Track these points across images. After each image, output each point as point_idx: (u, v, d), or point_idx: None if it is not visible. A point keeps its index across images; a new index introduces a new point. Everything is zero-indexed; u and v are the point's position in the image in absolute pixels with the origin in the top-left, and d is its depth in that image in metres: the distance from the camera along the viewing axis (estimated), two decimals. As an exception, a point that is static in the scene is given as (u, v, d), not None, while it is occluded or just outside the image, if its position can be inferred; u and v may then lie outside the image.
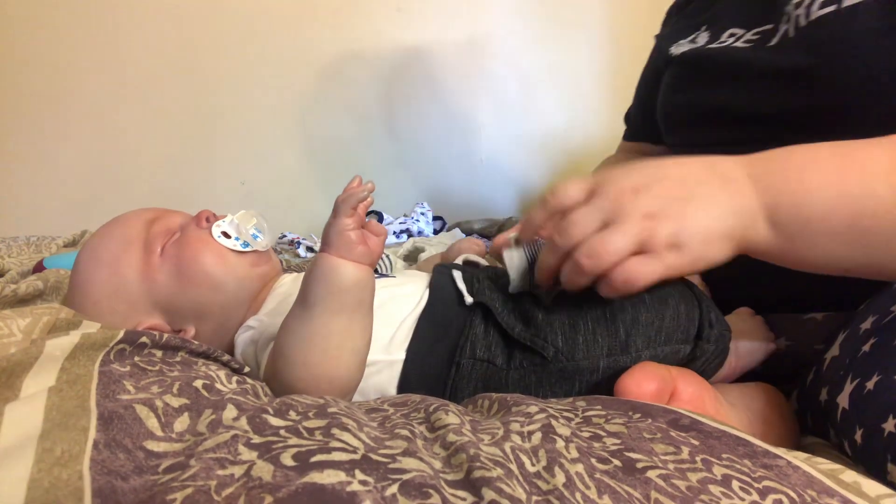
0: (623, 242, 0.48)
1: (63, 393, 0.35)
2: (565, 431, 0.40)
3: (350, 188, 0.51)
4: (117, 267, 0.62)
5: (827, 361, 0.55)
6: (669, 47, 0.82)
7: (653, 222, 0.48)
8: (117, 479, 0.30)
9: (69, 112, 1.54)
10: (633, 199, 0.49)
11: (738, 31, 0.73)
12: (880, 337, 0.49)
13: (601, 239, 0.48)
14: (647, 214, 0.48)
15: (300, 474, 0.31)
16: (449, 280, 0.63)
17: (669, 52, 0.81)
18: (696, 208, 0.48)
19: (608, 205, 0.50)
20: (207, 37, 1.60)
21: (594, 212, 0.50)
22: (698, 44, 0.78)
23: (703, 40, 0.78)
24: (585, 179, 0.53)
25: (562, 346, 0.56)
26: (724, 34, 0.74)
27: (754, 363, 0.65)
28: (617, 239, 0.48)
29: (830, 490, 0.35)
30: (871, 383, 0.46)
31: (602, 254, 0.48)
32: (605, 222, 0.49)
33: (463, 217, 1.76)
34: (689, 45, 0.80)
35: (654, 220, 0.48)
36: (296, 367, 0.51)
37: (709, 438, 0.40)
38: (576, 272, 0.50)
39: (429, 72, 1.79)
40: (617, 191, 0.50)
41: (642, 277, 0.49)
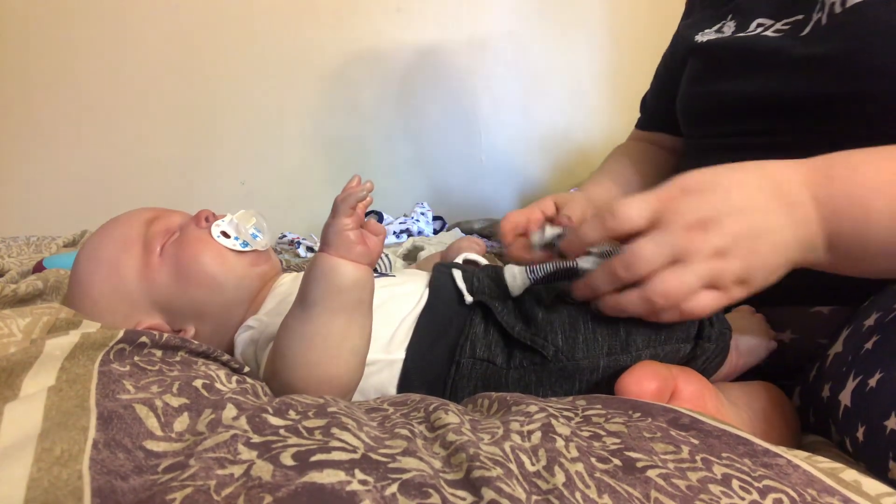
0: (696, 284, 0.49)
1: (63, 392, 0.35)
2: (565, 431, 0.40)
3: (349, 188, 0.51)
4: (117, 267, 0.62)
5: (830, 358, 0.55)
6: (694, 35, 0.81)
7: (723, 261, 0.48)
8: (117, 479, 0.30)
9: (69, 112, 1.53)
10: (703, 237, 0.48)
11: (766, 21, 0.72)
12: (883, 334, 0.49)
13: (676, 280, 0.49)
14: (717, 253, 0.48)
15: (300, 474, 0.31)
16: (449, 279, 0.63)
17: (695, 41, 0.80)
18: (764, 245, 0.49)
19: (678, 241, 0.49)
20: (207, 37, 1.60)
21: (663, 247, 0.49)
22: (725, 34, 0.77)
23: (729, 30, 0.77)
24: (645, 200, 0.51)
25: (562, 346, 0.56)
26: (752, 24, 0.73)
27: (755, 361, 0.65)
28: (692, 281, 0.49)
29: (831, 489, 0.35)
30: (873, 381, 0.46)
31: (677, 295, 0.49)
32: (674, 258, 0.49)
33: (463, 217, 1.76)
34: (715, 34, 0.79)
35: (723, 259, 0.48)
36: (295, 366, 0.51)
37: (709, 437, 0.40)
38: (644, 307, 0.51)
39: (429, 72, 1.79)
40: (685, 225, 0.48)
41: (708, 311, 0.51)
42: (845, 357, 0.52)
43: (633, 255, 0.50)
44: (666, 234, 0.49)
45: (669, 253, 0.49)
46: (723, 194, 0.49)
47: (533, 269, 0.58)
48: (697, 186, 0.50)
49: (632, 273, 0.50)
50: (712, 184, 0.50)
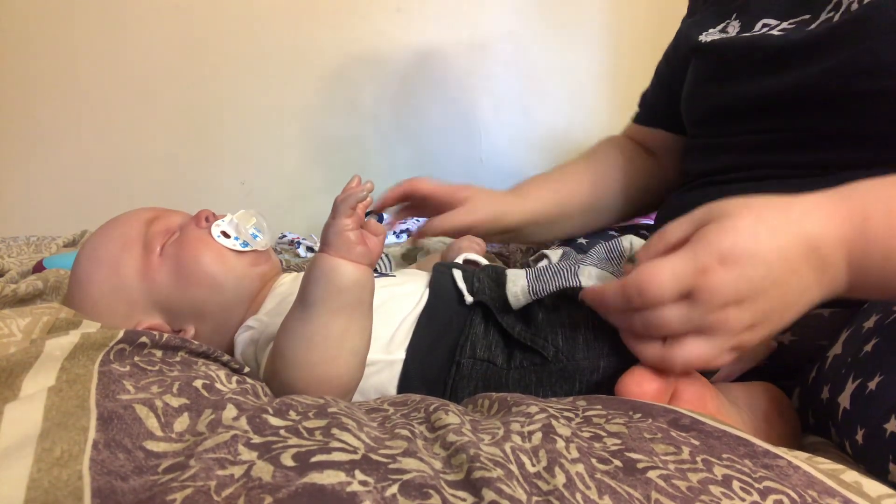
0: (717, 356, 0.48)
1: (63, 393, 0.35)
2: (566, 432, 0.40)
3: (349, 188, 0.51)
4: (117, 267, 0.62)
5: (829, 359, 0.55)
6: (698, 35, 0.80)
7: (751, 333, 0.47)
8: (117, 480, 0.30)
9: (69, 112, 1.53)
10: (737, 316, 0.46)
11: (771, 21, 0.71)
12: (883, 336, 0.49)
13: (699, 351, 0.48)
14: (748, 328, 0.47)
15: (300, 475, 0.31)
16: (449, 279, 0.63)
17: (699, 41, 0.79)
18: (791, 313, 0.48)
19: (710, 319, 0.46)
20: (207, 37, 1.60)
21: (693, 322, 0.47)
22: (729, 33, 0.76)
23: (734, 30, 0.76)
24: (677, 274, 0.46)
25: (562, 346, 0.56)
26: (758, 24, 0.73)
27: (756, 362, 0.65)
28: (716, 353, 0.48)
29: (831, 490, 0.35)
30: (872, 383, 0.46)
31: (697, 364, 0.48)
32: (700, 329, 0.47)
33: (463, 217, 1.76)
34: (719, 34, 0.78)
35: (752, 331, 0.47)
36: (295, 367, 0.51)
37: (709, 438, 0.40)
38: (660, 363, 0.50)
39: (429, 72, 1.79)
40: (722, 302, 0.46)
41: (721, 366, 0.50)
42: (844, 359, 0.52)
43: (659, 321, 0.48)
44: (699, 310, 0.46)
45: (699, 326, 0.47)
46: (764, 269, 0.46)
47: (535, 291, 0.58)
48: (739, 258, 0.45)
49: (651, 331, 0.49)
50: (754, 255, 0.46)
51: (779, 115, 0.68)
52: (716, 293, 0.45)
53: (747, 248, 0.46)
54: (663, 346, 0.49)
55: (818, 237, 0.46)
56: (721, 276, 0.45)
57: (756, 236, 0.46)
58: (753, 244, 0.46)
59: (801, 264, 0.46)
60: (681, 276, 0.46)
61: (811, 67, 0.64)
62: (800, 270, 0.46)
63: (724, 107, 0.76)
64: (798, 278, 0.46)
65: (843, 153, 0.64)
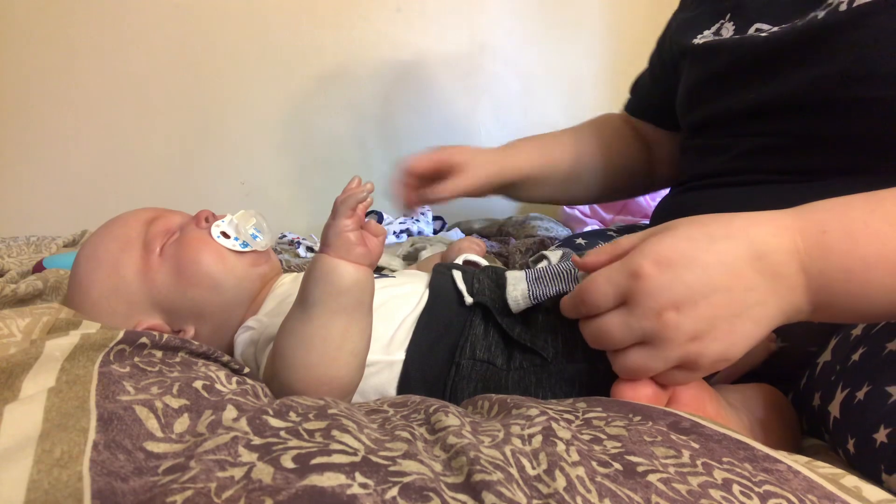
0: (664, 367, 0.47)
1: (62, 394, 0.35)
2: (566, 434, 0.40)
3: (349, 189, 0.51)
4: (116, 267, 0.62)
5: (819, 366, 0.55)
6: (692, 37, 0.79)
7: (699, 344, 0.45)
8: (117, 481, 0.30)
9: (69, 112, 1.53)
10: (676, 323, 0.45)
11: (765, 26, 0.70)
12: (870, 345, 0.48)
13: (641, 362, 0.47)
14: (692, 337, 0.45)
15: (300, 477, 0.31)
16: (449, 280, 0.63)
17: (692, 43, 0.79)
18: (744, 323, 0.45)
19: (648, 326, 0.45)
20: (207, 37, 1.60)
21: (633, 330, 0.46)
22: (723, 36, 0.75)
23: (727, 32, 0.75)
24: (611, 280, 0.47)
25: (562, 348, 0.56)
26: (751, 29, 0.72)
27: (755, 363, 0.65)
28: (659, 366, 0.47)
29: (831, 495, 0.35)
30: (861, 393, 0.46)
31: (642, 374, 0.48)
32: (644, 340, 0.47)
33: (463, 217, 1.76)
34: (713, 36, 0.77)
35: (700, 342, 0.45)
36: (295, 368, 0.51)
37: (709, 442, 0.40)
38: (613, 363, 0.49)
39: (429, 72, 1.79)
40: (657, 308, 0.45)
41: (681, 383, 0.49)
42: (833, 366, 0.52)
43: (598, 328, 0.48)
44: (636, 317, 0.46)
45: (640, 336, 0.46)
46: (700, 272, 0.45)
47: (535, 295, 0.58)
48: (673, 260, 0.45)
49: (597, 344, 0.49)
50: (690, 258, 0.45)
51: (773, 119, 0.68)
52: (649, 297, 0.45)
53: (681, 251, 0.45)
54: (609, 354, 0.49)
55: (764, 244, 0.45)
56: (655, 279, 0.45)
57: (692, 240, 0.46)
58: (688, 247, 0.45)
59: (746, 269, 0.45)
60: (615, 281, 0.46)
61: (803, 72, 0.64)
62: (744, 276, 0.45)
63: (720, 111, 0.76)
64: (744, 284, 0.45)
65: (839, 158, 0.63)
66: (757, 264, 0.45)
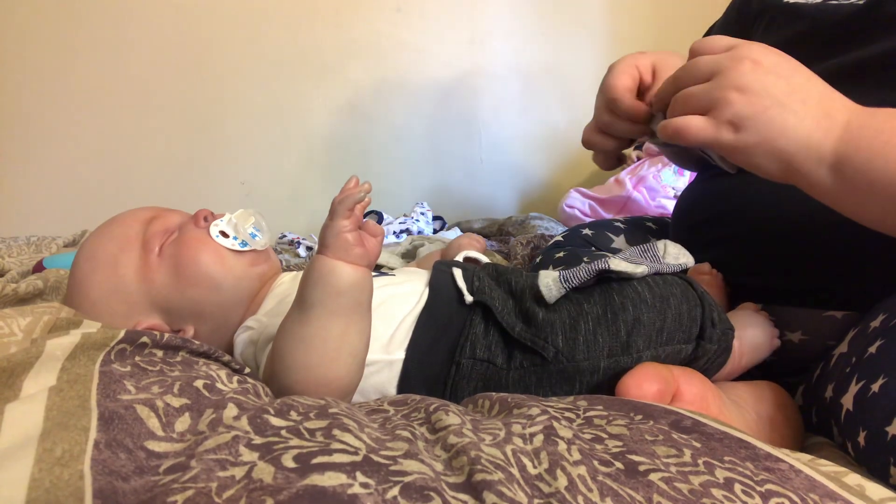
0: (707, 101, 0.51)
1: (64, 393, 0.35)
2: (567, 433, 0.40)
3: (347, 189, 0.51)
4: (115, 267, 0.61)
5: (834, 357, 0.55)
6: None
7: (737, 95, 0.50)
8: (118, 480, 0.30)
9: (69, 112, 1.53)
10: (743, 70, 0.50)
11: None
12: (888, 338, 0.49)
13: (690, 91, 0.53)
14: (740, 87, 0.49)
15: (301, 476, 0.31)
16: (449, 278, 0.63)
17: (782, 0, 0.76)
18: (778, 114, 0.49)
19: (726, 61, 0.51)
20: (207, 37, 1.60)
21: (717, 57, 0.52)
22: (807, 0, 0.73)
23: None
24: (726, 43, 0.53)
25: (562, 347, 0.56)
26: None
27: (759, 359, 0.65)
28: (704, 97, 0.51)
29: (833, 494, 0.35)
30: (876, 386, 0.46)
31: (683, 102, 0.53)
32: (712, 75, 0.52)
33: (463, 217, 1.76)
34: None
35: (740, 94, 0.49)
36: (294, 369, 0.51)
37: (711, 440, 0.40)
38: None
39: (429, 72, 1.79)
40: (744, 56, 0.50)
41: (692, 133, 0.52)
42: (849, 358, 0.52)
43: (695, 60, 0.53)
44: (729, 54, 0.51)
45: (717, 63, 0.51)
46: (792, 68, 0.51)
47: (567, 279, 0.57)
48: (769, 65, 0.50)
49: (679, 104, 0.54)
50: (791, 60, 0.51)
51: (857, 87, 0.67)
52: (750, 49, 0.51)
53: (789, 57, 0.51)
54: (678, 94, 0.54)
55: (836, 96, 0.50)
56: (761, 48, 0.51)
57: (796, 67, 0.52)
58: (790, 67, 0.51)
59: (815, 93, 0.50)
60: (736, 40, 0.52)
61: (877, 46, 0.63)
62: (810, 94, 0.50)
63: None
64: (805, 96, 0.50)
65: None
66: (823, 98, 0.50)
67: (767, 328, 0.66)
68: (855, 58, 0.65)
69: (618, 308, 0.56)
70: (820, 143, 0.49)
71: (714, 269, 0.73)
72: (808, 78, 0.51)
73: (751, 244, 0.69)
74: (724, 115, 0.50)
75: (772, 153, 0.50)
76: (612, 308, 0.57)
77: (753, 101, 0.49)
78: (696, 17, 1.12)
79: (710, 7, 1.00)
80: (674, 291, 0.58)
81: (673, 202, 1.47)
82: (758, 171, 0.51)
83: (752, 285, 0.70)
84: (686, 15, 1.70)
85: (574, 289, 0.58)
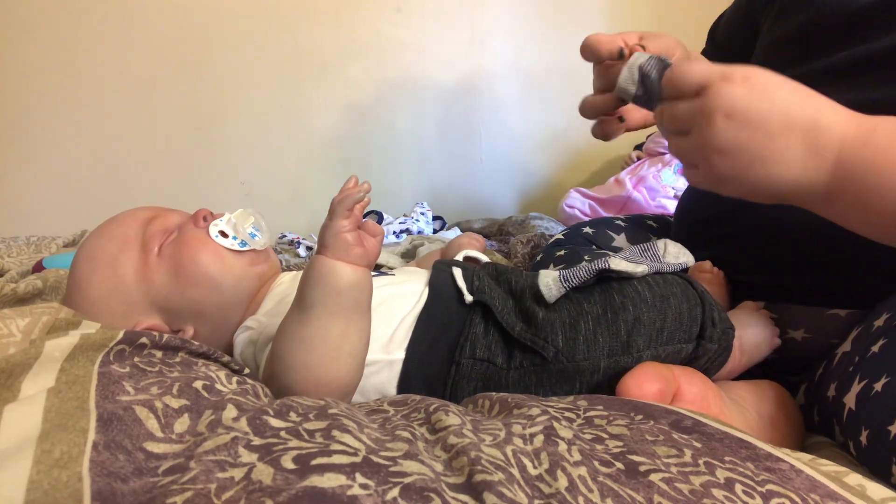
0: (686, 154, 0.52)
1: (62, 394, 0.35)
2: (567, 434, 0.40)
3: (346, 189, 0.51)
4: (114, 267, 0.61)
5: (838, 356, 0.55)
6: None
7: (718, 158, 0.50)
8: (117, 481, 0.29)
9: (69, 112, 1.53)
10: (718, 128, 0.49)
11: None
12: (891, 337, 0.49)
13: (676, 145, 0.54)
14: (718, 150, 0.50)
15: (300, 478, 0.30)
16: (449, 278, 0.63)
17: None
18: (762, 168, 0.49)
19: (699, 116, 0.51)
20: (207, 37, 1.60)
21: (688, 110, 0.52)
22: None
23: None
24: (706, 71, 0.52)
25: (562, 347, 0.55)
26: None
27: (759, 358, 0.65)
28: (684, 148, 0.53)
29: (834, 494, 0.35)
30: (879, 385, 0.46)
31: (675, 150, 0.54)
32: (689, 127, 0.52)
33: (463, 217, 1.76)
34: None
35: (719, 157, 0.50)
36: (294, 370, 0.51)
37: (711, 441, 0.40)
38: None
39: (429, 72, 1.79)
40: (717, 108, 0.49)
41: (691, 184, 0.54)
42: (852, 357, 0.52)
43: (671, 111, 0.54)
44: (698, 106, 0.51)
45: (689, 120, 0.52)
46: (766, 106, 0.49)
47: (567, 278, 0.57)
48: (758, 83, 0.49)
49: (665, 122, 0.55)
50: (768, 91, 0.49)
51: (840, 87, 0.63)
52: (719, 96, 0.49)
53: (769, 82, 0.49)
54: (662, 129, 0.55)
55: (823, 123, 0.48)
56: (734, 87, 0.49)
57: (781, 85, 0.50)
58: (775, 84, 0.50)
59: (796, 132, 0.48)
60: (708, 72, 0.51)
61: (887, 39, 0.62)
62: (792, 135, 0.48)
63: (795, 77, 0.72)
64: (787, 141, 0.48)
65: None
66: (808, 134, 0.48)
67: (767, 327, 0.66)
68: (865, 50, 0.64)
69: (618, 308, 0.56)
70: (811, 182, 0.49)
71: (715, 268, 0.73)
72: (787, 111, 0.49)
73: (752, 242, 0.69)
74: (711, 175, 0.51)
75: (764, 197, 0.51)
76: (612, 308, 0.57)
77: (734, 162, 0.49)
78: (697, 17, 1.12)
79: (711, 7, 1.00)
80: (674, 291, 0.58)
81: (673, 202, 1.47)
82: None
83: (754, 283, 0.70)
84: (686, 15, 1.70)
85: (574, 288, 0.58)
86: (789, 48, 0.73)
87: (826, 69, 0.67)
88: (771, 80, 0.50)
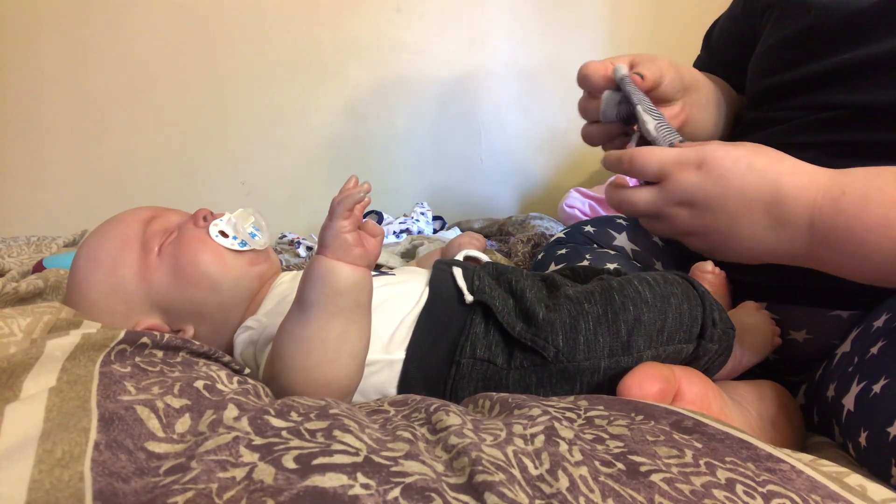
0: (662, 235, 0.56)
1: (64, 394, 0.35)
2: (568, 434, 0.40)
3: (346, 189, 0.51)
4: (115, 267, 0.61)
5: (837, 357, 0.55)
6: None
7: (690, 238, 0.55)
8: (118, 481, 0.30)
9: (69, 112, 1.53)
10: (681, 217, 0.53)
11: None
12: (890, 339, 0.49)
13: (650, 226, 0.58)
14: (688, 233, 0.54)
15: (302, 477, 0.31)
16: (449, 277, 0.63)
17: None
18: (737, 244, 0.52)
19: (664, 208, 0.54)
20: (207, 37, 1.60)
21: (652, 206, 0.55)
22: None
23: None
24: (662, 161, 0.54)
25: (562, 347, 0.55)
26: None
27: (760, 358, 0.65)
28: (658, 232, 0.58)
29: (835, 494, 0.35)
30: (877, 386, 0.46)
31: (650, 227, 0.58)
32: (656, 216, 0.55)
33: (463, 217, 1.76)
34: None
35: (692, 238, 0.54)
36: (294, 370, 0.51)
37: (712, 441, 0.40)
38: None
39: (429, 72, 1.79)
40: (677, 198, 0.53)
41: None
42: (851, 358, 0.52)
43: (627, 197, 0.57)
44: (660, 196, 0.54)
45: (654, 213, 0.55)
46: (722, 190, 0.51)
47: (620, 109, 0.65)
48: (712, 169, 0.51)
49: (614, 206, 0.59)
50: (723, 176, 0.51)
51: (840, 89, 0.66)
52: (677, 187, 0.52)
53: (722, 166, 0.51)
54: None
55: (787, 193, 0.50)
56: (690, 176, 0.52)
57: (736, 161, 0.51)
58: (730, 166, 0.51)
59: (759, 207, 0.50)
60: (666, 160, 0.53)
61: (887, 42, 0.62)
62: (754, 211, 0.50)
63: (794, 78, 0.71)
64: (750, 218, 0.51)
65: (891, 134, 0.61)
66: (772, 207, 0.50)
67: (768, 327, 0.66)
68: (866, 53, 0.64)
69: (618, 308, 0.56)
70: (790, 249, 0.51)
71: (717, 268, 0.73)
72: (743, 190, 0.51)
73: None
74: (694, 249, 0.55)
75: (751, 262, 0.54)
76: (612, 308, 0.57)
77: (708, 240, 0.54)
78: (697, 17, 1.12)
79: (711, 7, 1.00)
80: (675, 291, 0.58)
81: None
82: None
83: (756, 283, 0.70)
84: (686, 15, 1.70)
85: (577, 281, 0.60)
86: (789, 51, 0.73)
87: (826, 72, 0.67)
88: (727, 159, 0.51)
